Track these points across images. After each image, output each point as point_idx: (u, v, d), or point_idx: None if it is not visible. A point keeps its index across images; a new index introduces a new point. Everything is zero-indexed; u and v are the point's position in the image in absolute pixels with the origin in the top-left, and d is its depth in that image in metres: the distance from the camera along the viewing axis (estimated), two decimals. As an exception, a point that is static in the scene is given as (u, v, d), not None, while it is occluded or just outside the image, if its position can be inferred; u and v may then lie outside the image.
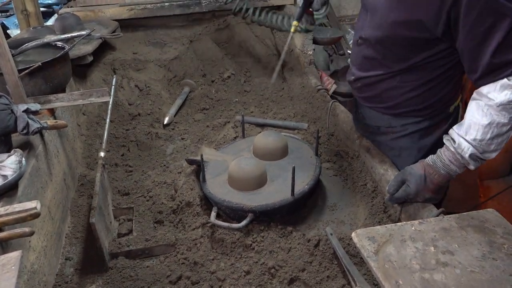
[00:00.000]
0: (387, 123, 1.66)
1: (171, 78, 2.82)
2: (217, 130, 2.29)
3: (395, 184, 1.45)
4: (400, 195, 1.44)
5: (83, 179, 1.96)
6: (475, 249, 1.06)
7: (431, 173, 1.38)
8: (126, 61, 2.75)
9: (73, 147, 2.02)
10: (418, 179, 1.39)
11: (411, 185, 1.41)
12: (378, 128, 1.71)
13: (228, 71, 2.88)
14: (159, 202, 1.77)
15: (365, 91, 1.67)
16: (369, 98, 1.67)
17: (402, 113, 1.60)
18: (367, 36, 1.55)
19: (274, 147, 1.79)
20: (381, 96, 1.61)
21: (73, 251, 1.60)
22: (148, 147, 2.20)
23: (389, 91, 1.58)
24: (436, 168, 1.37)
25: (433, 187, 1.39)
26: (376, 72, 1.58)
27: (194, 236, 1.55)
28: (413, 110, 1.58)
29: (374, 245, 1.09)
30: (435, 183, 1.39)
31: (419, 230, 1.12)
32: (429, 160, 1.40)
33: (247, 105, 2.56)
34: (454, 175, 1.38)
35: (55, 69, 1.83)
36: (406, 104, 1.57)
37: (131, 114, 2.43)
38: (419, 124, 1.61)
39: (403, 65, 1.50)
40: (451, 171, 1.36)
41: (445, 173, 1.36)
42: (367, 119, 1.74)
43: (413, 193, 1.41)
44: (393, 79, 1.55)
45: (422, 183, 1.39)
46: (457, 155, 1.33)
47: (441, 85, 1.52)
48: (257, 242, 1.50)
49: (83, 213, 1.77)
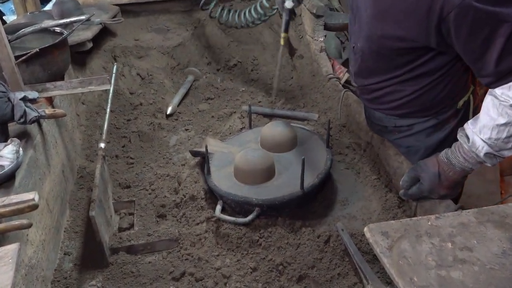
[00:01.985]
0: (393, 123, 1.67)
1: (174, 66, 2.82)
2: (223, 121, 2.29)
3: (408, 180, 1.44)
4: (414, 192, 1.44)
5: (83, 171, 1.97)
6: (495, 245, 1.05)
7: (446, 170, 1.37)
8: (127, 48, 2.76)
9: (72, 137, 2.03)
10: (432, 177, 1.39)
11: (424, 182, 1.40)
12: (385, 127, 1.71)
13: (234, 59, 2.88)
14: (161, 196, 1.78)
15: (366, 94, 1.68)
16: (372, 100, 1.68)
17: (407, 113, 1.60)
18: (360, 47, 1.55)
19: (282, 138, 1.79)
20: (383, 99, 1.62)
21: (72, 246, 1.61)
22: (150, 138, 2.21)
23: (390, 95, 1.58)
24: (451, 165, 1.36)
25: (448, 184, 1.39)
26: (374, 80, 1.59)
27: (198, 231, 1.56)
28: (417, 110, 1.58)
29: (387, 240, 1.08)
30: (450, 180, 1.38)
31: (436, 225, 1.12)
32: (443, 156, 1.39)
33: (254, 94, 2.56)
34: (469, 171, 1.37)
35: (53, 56, 1.84)
36: (409, 105, 1.57)
37: (132, 104, 2.44)
38: (426, 123, 1.60)
39: (400, 72, 1.50)
40: (466, 168, 1.35)
41: (460, 170, 1.36)
42: (373, 119, 1.75)
43: (427, 191, 1.41)
44: (392, 85, 1.55)
45: (436, 180, 1.39)
46: (472, 153, 1.32)
47: (444, 82, 1.51)
48: (264, 238, 1.50)
49: (82, 207, 1.79)
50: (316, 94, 2.41)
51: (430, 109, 1.57)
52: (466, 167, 1.35)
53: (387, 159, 1.72)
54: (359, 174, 1.84)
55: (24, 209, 1.16)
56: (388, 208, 1.60)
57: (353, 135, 2.03)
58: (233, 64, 2.85)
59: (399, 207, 1.59)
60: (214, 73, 2.81)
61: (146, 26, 2.99)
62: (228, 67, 2.84)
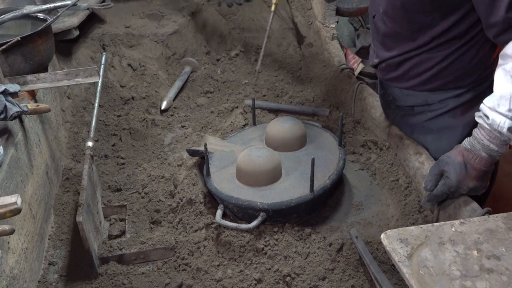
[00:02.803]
0: (423, 100, 1.67)
1: (169, 56, 2.83)
2: (223, 117, 2.30)
3: (432, 178, 1.45)
4: (440, 191, 1.43)
5: (68, 172, 1.99)
6: (526, 253, 1.06)
7: (471, 158, 1.39)
8: (117, 36, 2.77)
9: (57, 135, 2.05)
10: (458, 168, 1.39)
11: (450, 176, 1.41)
12: (411, 108, 1.71)
13: (236, 48, 2.88)
14: (156, 200, 1.79)
15: (392, 72, 1.69)
16: (398, 78, 1.68)
17: (439, 86, 1.61)
18: (384, 8, 1.58)
19: (290, 136, 1.80)
20: (412, 72, 1.63)
21: (57, 255, 1.62)
22: (143, 136, 2.22)
23: (419, 66, 1.60)
24: (475, 151, 1.38)
25: (476, 174, 1.39)
26: (401, 50, 1.60)
27: (196, 239, 1.58)
28: (451, 80, 1.59)
29: (407, 248, 1.09)
30: (477, 168, 1.39)
31: (460, 232, 1.13)
32: (466, 143, 1.41)
33: (258, 87, 2.57)
34: (497, 156, 1.38)
35: (36, 45, 1.85)
36: (441, 75, 1.58)
37: (123, 98, 2.45)
38: (461, 97, 1.61)
39: (429, 35, 1.52)
40: (493, 152, 1.36)
41: (486, 155, 1.37)
42: (398, 100, 1.75)
43: (455, 185, 1.41)
44: (421, 54, 1.57)
45: (463, 171, 1.39)
46: (494, 132, 1.33)
47: (476, 46, 1.53)
48: (270, 246, 1.51)
49: (68, 212, 1.80)
50: (327, 87, 2.41)
51: (464, 77, 1.58)
52: (492, 150, 1.36)
53: (407, 158, 1.73)
54: (375, 176, 1.85)
55: (5, 213, 1.17)
56: (407, 213, 1.60)
57: (369, 132, 2.04)
58: (234, 54, 2.86)
59: (419, 212, 1.60)
60: (213, 63, 2.82)
61: (138, 11, 3.00)
62: (229, 57, 2.85)
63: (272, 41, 2.92)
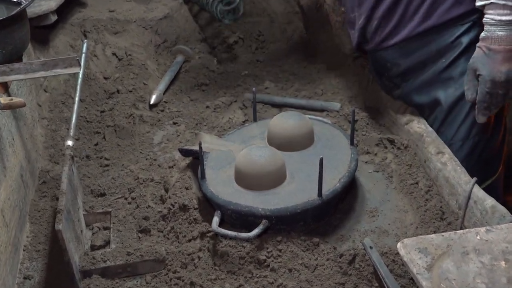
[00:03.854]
0: (433, 47, 1.77)
1: (159, 44, 2.84)
2: (220, 112, 2.31)
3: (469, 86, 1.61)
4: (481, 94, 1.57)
5: (46, 175, 2.00)
6: (560, 264, 1.07)
7: (490, 43, 1.51)
8: (100, 21, 2.78)
9: (33, 133, 2.06)
10: (482, 59, 1.53)
11: (481, 71, 1.54)
12: (423, 63, 1.81)
13: (234, 35, 2.90)
14: (144, 205, 1.80)
15: (386, 24, 1.81)
16: (398, 23, 1.78)
17: (445, 22, 1.71)
18: None
19: (295, 134, 1.81)
20: (409, 10, 1.74)
21: (33, 268, 1.63)
22: (130, 134, 2.23)
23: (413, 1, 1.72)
24: (491, 34, 1.50)
25: (502, 56, 1.51)
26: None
27: (190, 249, 1.59)
28: (452, 4, 1.69)
29: (426, 258, 1.11)
30: (501, 50, 1.50)
31: (486, 240, 1.14)
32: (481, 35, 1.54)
33: (260, 79, 2.58)
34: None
35: (8, 32, 1.86)
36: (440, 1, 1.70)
37: (107, 91, 2.46)
38: (472, 31, 1.70)
39: None
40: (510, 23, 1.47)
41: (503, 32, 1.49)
42: (406, 60, 1.85)
43: (488, 77, 1.53)
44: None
45: (489, 60, 1.52)
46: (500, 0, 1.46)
47: None
48: (273, 258, 1.52)
49: (45, 219, 1.81)
50: (338, 78, 2.43)
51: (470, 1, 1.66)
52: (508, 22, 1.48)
53: (428, 159, 1.74)
54: (392, 179, 1.86)
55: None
56: (427, 221, 1.62)
57: (385, 130, 2.05)
58: (233, 41, 2.87)
59: (442, 219, 1.62)
60: (209, 52, 2.83)
61: (123, -7, 3.01)
62: (227, 45, 2.86)
63: (275, 26, 2.94)
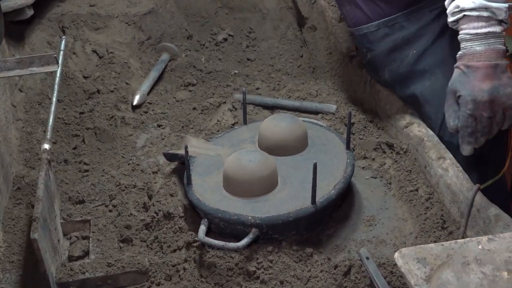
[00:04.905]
0: (398, 37, 1.86)
1: (143, 41, 2.85)
2: (208, 114, 2.32)
3: (450, 113, 1.55)
4: (463, 119, 1.50)
5: (20, 181, 1.99)
6: None
7: (467, 60, 1.49)
8: (79, 16, 2.78)
9: (6, 136, 2.06)
10: (461, 79, 1.49)
11: (461, 91, 1.49)
12: (391, 56, 1.88)
13: (223, 32, 2.90)
14: (126, 213, 1.80)
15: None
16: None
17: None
18: None
19: (287, 137, 1.83)
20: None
21: (6, 280, 1.63)
22: (111, 138, 2.23)
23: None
24: (467, 50, 1.49)
25: (482, 72, 1.47)
26: None
27: (175, 260, 1.59)
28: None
29: (425, 269, 1.12)
30: (480, 66, 1.47)
31: (488, 250, 1.15)
32: (458, 54, 1.52)
33: (251, 79, 2.59)
34: (496, 41, 1.48)
35: (-19, 27, 1.87)
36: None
37: (87, 91, 2.46)
38: (441, 18, 1.76)
39: None
40: (487, 36, 1.46)
41: (481, 47, 1.47)
42: (377, 49, 1.96)
43: (470, 98, 1.47)
44: None
45: (468, 78, 1.48)
46: (473, 13, 1.46)
47: None
48: (263, 269, 1.53)
49: (19, 228, 1.81)
50: (333, 79, 2.44)
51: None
52: (484, 35, 1.47)
53: (428, 164, 1.76)
54: (390, 185, 1.87)
55: None
56: (428, 230, 1.63)
57: (383, 133, 2.06)
58: (222, 39, 2.88)
59: (443, 228, 1.63)
60: (196, 50, 2.84)
61: (105, -14, 3.02)
62: (216, 42, 2.87)
63: (267, 23, 2.95)
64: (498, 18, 1.47)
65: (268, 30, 2.93)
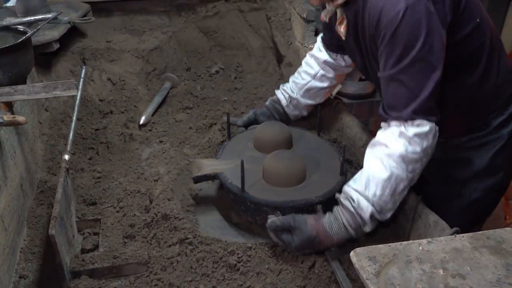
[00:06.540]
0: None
1: (150, 72, 2.84)
2: (202, 133, 2.31)
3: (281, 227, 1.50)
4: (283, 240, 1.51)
5: (43, 185, 1.98)
6: (489, 272, 1.08)
7: (323, 237, 1.47)
8: (98, 50, 2.78)
9: (33, 148, 2.04)
10: (306, 240, 1.47)
11: (296, 241, 1.48)
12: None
13: (216, 65, 2.91)
14: (131, 214, 1.79)
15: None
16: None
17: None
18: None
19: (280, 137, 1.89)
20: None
21: (28, 268, 1.61)
22: (121, 151, 2.22)
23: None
24: (331, 234, 1.46)
25: (318, 249, 1.50)
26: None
27: (170, 254, 1.58)
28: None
29: (375, 266, 1.11)
30: (323, 246, 1.49)
31: (427, 250, 1.15)
32: (326, 222, 1.48)
33: (238, 104, 2.59)
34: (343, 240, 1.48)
35: (14, 57, 1.85)
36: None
37: (101, 112, 2.45)
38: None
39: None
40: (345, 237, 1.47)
41: (337, 239, 1.46)
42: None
43: (295, 249, 1.49)
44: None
45: (309, 245, 1.48)
46: (357, 217, 1.43)
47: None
48: (242, 262, 1.52)
49: (41, 225, 1.79)
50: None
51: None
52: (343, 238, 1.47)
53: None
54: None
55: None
56: (380, 231, 1.63)
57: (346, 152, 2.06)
58: (214, 71, 2.88)
59: (391, 231, 1.63)
60: (193, 80, 2.84)
61: (119, 26, 3.01)
62: (209, 74, 2.87)
63: (252, 59, 2.96)
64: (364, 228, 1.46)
65: (252, 65, 2.94)
